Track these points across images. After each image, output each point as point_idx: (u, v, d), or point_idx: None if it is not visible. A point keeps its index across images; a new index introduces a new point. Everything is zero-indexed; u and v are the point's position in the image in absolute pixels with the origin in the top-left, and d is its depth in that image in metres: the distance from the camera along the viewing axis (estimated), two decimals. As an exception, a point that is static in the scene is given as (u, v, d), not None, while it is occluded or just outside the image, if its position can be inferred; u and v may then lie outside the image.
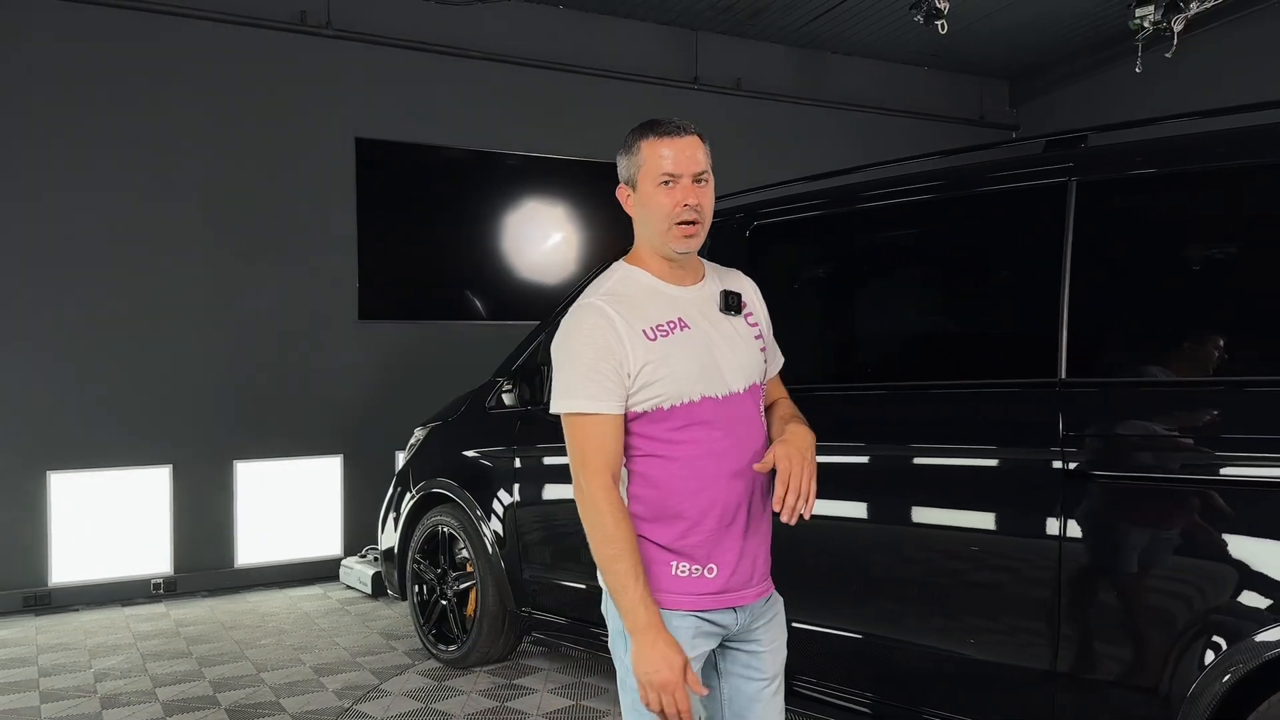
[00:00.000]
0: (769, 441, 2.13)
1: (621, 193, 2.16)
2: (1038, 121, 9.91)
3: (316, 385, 7.02)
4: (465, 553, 4.88)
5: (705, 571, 2.05)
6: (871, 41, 8.81)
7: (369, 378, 7.20)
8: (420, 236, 7.43)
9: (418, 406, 6.53)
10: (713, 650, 2.17)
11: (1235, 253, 2.77)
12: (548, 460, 4.44)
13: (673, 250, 2.08)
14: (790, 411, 2.22)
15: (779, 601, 2.22)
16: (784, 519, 1.99)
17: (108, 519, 6.38)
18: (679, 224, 2.04)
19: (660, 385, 2.00)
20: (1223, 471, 2.53)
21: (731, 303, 2.13)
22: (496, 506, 4.63)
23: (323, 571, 6.96)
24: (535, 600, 4.52)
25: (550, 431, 4.48)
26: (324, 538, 7.04)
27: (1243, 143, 2.74)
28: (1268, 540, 2.44)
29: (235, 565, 6.74)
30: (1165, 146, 2.89)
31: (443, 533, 4.98)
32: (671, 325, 2.04)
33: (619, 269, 2.15)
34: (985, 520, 2.98)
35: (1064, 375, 2.82)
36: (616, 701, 4.39)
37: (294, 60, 6.91)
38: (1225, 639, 2.46)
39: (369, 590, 6.43)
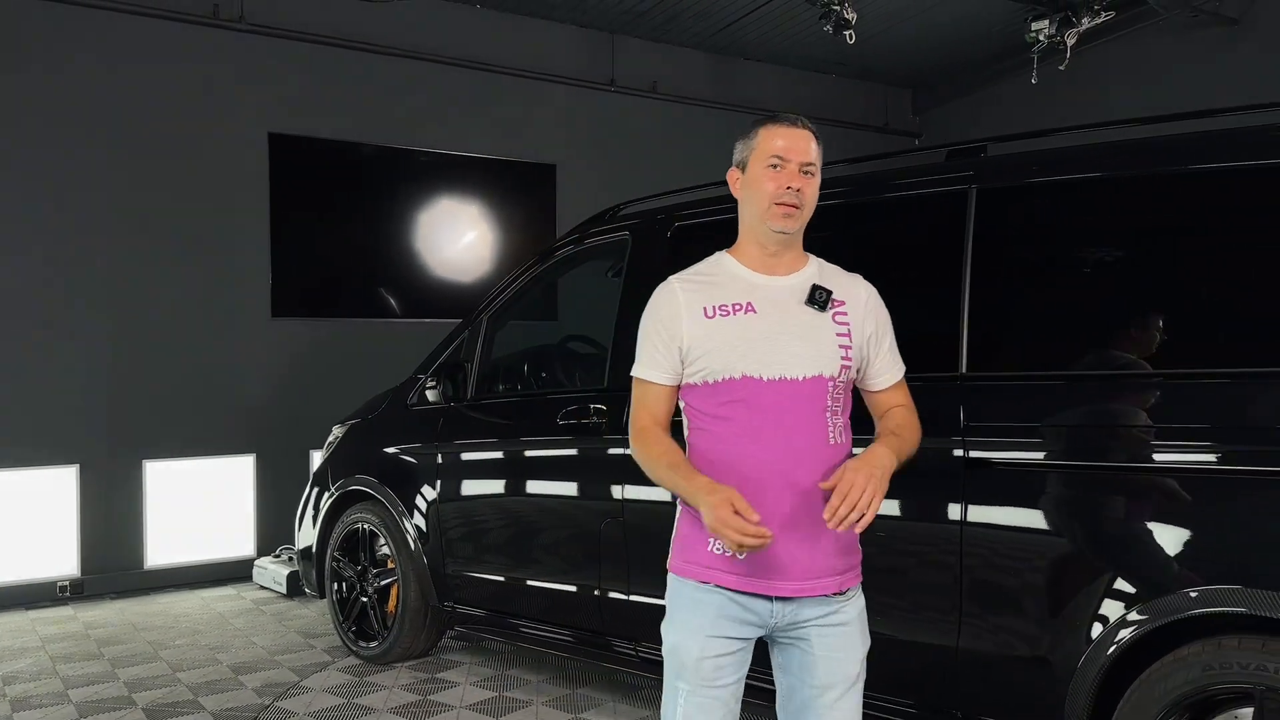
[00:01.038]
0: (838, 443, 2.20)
1: (731, 175, 2.30)
2: (939, 129, 10.28)
3: (229, 383, 6.94)
4: (386, 549, 4.90)
5: (737, 550, 2.11)
6: (782, 49, 9.04)
7: (282, 375, 7.13)
8: (334, 233, 7.39)
9: (332, 404, 6.51)
10: (769, 644, 2.25)
11: (1123, 256, 2.99)
12: (472, 456, 4.51)
13: (769, 229, 2.19)
14: (894, 425, 2.26)
15: (848, 612, 2.21)
16: (829, 525, 2.02)
17: (11, 520, 6.20)
18: (779, 204, 2.17)
19: (705, 359, 2.16)
20: (1110, 459, 2.74)
21: (818, 297, 2.21)
22: (419, 502, 4.67)
23: (236, 572, 6.88)
24: (458, 595, 4.58)
25: (475, 428, 4.55)
26: (237, 538, 6.95)
27: (1129, 153, 2.97)
28: (1148, 522, 2.65)
29: (145, 567, 6.62)
30: (1058, 157, 3.11)
31: (363, 530, 5.00)
32: (736, 307, 2.18)
33: (715, 255, 2.31)
34: (892, 507, 3.14)
35: (965, 370, 3.01)
36: (538, 691, 4.49)
37: (207, 54, 6.81)
38: (1110, 613, 2.67)
39: (284, 590, 6.39)
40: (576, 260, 4.41)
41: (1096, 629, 2.69)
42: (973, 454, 2.93)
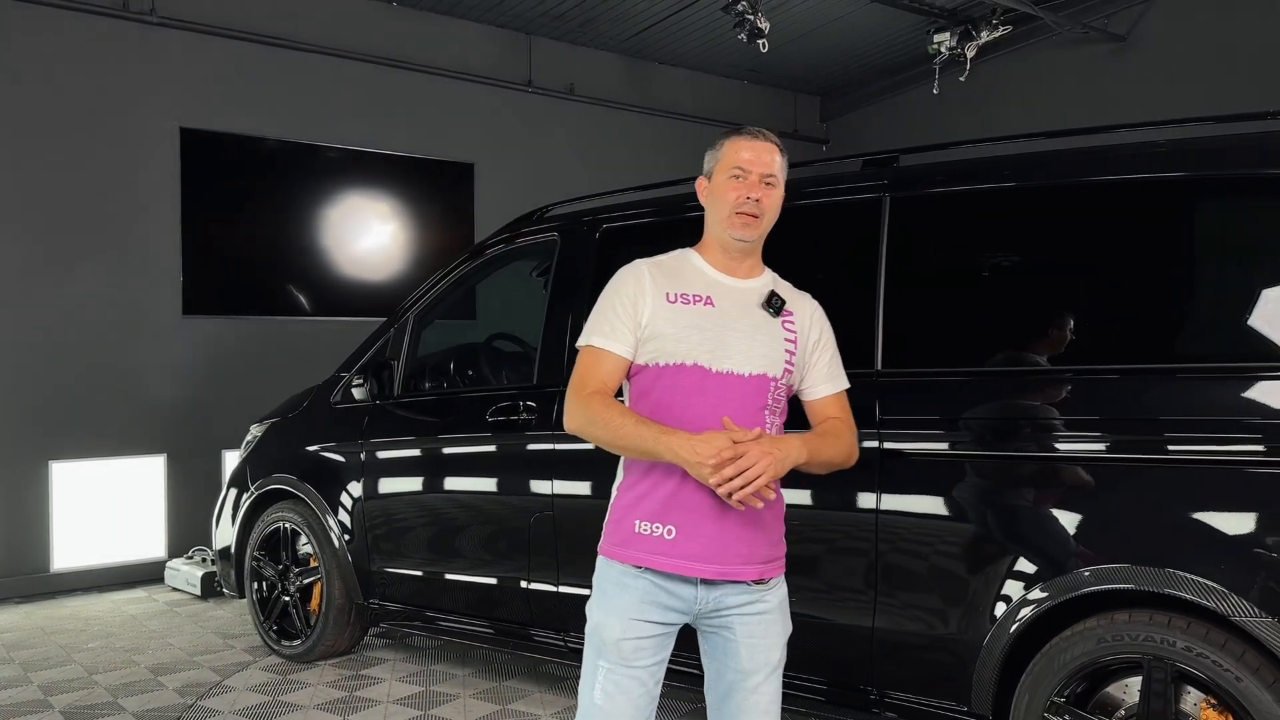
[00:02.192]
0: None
1: (700, 184, 2.40)
2: (846, 135, 10.61)
3: (138, 382, 6.80)
4: (308, 548, 4.90)
5: (665, 532, 2.21)
6: (697, 55, 9.23)
7: (193, 374, 7.01)
8: (248, 230, 7.29)
9: (244, 404, 6.45)
10: (696, 632, 2.34)
11: (1025, 261, 3.21)
12: (399, 453, 4.54)
13: (730, 236, 2.30)
14: (824, 429, 2.36)
15: (771, 601, 2.30)
16: (717, 486, 2.10)
17: (-93, 525, 6.00)
18: (739, 213, 2.27)
19: (659, 341, 2.25)
20: (1013, 449, 2.96)
21: (773, 302, 2.33)
22: (344, 500, 4.69)
23: (147, 574, 6.74)
24: (384, 591, 4.61)
25: (402, 425, 4.60)
26: (147, 540, 6.81)
27: (1032, 165, 3.20)
28: (1048, 507, 2.87)
29: (51, 570, 6.45)
30: (966, 168, 3.32)
31: (284, 529, 4.98)
32: (696, 298, 2.28)
33: (680, 251, 2.40)
34: (812, 496, 3.32)
35: (880, 366, 3.20)
36: (464, 685, 4.56)
37: (116, 47, 6.67)
38: (1013, 593, 2.88)
39: (198, 591, 6.30)
40: (505, 260, 4.49)
41: (1001, 607, 2.90)
42: (887, 445, 3.12)
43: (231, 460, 6.14)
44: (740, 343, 2.27)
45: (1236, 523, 2.59)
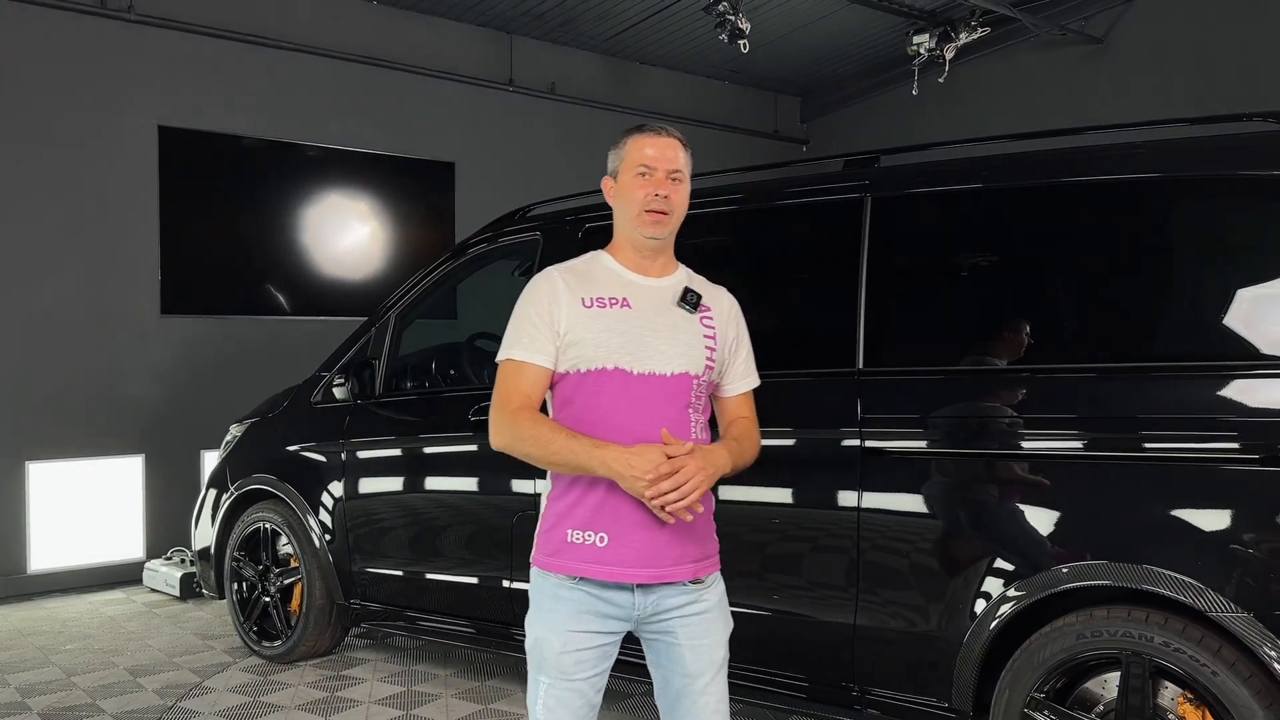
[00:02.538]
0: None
1: (606, 183, 2.36)
2: (826, 136, 10.64)
3: (116, 382, 6.75)
4: (289, 548, 4.88)
5: (597, 540, 2.19)
6: (678, 55, 9.24)
7: (172, 374, 6.97)
8: (226, 229, 7.25)
9: (222, 404, 6.42)
10: (640, 641, 2.32)
11: (1003, 260, 3.23)
12: (381, 453, 4.53)
13: (641, 234, 2.27)
14: (737, 434, 2.36)
15: (710, 600, 2.29)
16: (651, 500, 2.10)
17: (-120, 526, 5.93)
18: (648, 211, 2.25)
19: (579, 348, 2.22)
20: (992, 447, 2.97)
21: (689, 299, 2.31)
22: (325, 500, 4.67)
23: (124, 575, 6.69)
24: (365, 591, 4.60)
25: (383, 425, 4.58)
26: (125, 540, 6.76)
27: (1011, 165, 3.22)
28: (1026, 505, 2.89)
29: (28, 571, 6.39)
30: (945, 168, 3.34)
31: (265, 529, 4.96)
32: (612, 301, 2.26)
33: (592, 253, 2.36)
34: (795, 494, 3.33)
35: (861, 365, 3.21)
36: (446, 685, 4.56)
37: (93, 45, 6.62)
38: (992, 590, 2.91)
39: (177, 592, 6.26)
40: (487, 259, 4.49)
41: (981, 604, 2.92)
42: (869, 444, 3.14)
43: (210, 460, 6.10)
44: (660, 343, 2.25)
45: (1213, 519, 2.62)
